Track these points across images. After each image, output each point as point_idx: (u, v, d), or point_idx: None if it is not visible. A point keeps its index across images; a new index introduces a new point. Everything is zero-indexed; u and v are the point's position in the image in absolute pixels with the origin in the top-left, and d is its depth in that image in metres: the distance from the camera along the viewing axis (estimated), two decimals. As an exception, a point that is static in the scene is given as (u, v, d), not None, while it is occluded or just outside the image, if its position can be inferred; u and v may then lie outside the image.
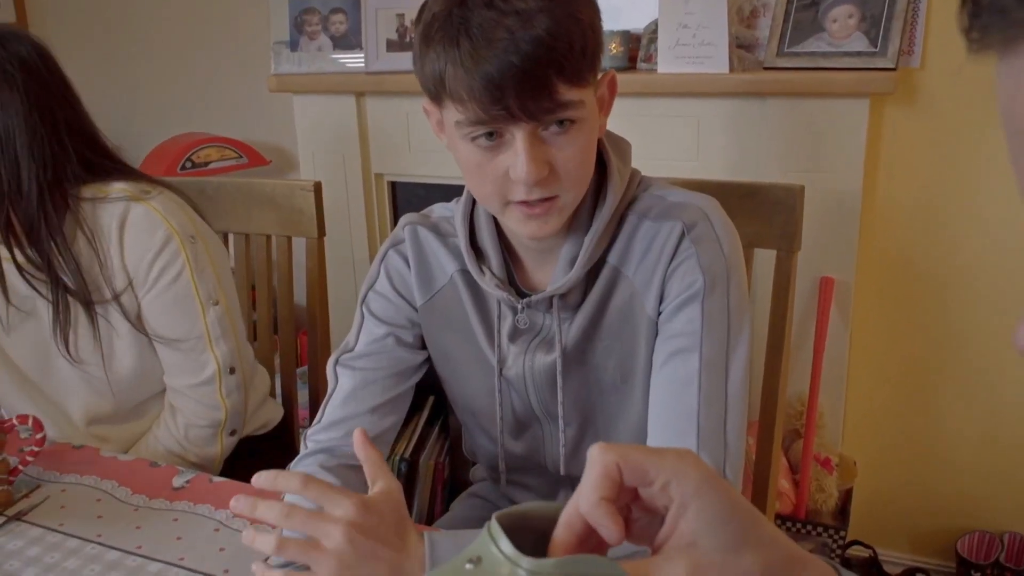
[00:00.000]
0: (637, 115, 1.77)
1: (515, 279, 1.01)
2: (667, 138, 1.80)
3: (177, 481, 1.09)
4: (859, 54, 1.64)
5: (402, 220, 1.09)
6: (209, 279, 1.23)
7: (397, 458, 1.71)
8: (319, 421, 1.06)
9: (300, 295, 1.57)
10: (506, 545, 0.45)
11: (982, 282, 1.79)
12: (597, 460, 0.49)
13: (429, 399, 1.81)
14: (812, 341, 1.80)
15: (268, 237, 1.53)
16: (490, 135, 0.86)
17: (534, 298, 0.98)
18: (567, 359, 1.01)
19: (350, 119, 2.15)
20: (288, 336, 1.57)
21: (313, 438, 1.05)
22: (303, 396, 1.61)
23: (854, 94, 1.65)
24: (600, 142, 0.96)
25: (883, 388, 1.93)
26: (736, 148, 1.77)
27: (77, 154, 1.18)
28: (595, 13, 0.87)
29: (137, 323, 1.22)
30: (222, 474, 1.26)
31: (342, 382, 1.06)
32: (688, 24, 1.70)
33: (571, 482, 1.15)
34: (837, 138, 1.70)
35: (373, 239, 2.25)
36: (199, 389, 1.24)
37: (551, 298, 0.98)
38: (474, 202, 1.01)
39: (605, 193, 0.95)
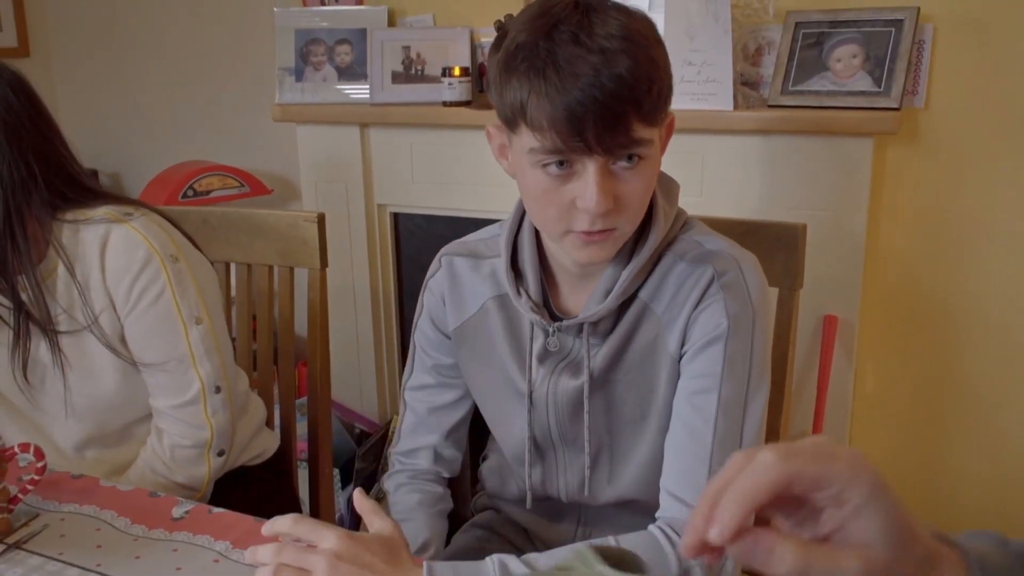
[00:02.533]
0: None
1: (550, 303, 1.04)
2: (671, 174, 1.80)
3: (176, 512, 1.08)
4: (863, 93, 1.65)
5: (440, 252, 1.14)
6: (191, 298, 1.23)
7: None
8: (398, 442, 1.20)
9: (301, 326, 1.56)
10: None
11: (987, 321, 1.79)
12: (773, 467, 0.49)
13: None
14: (816, 379, 1.79)
15: (270, 268, 1.53)
16: (561, 163, 0.89)
17: (566, 323, 1.00)
18: (593, 387, 1.02)
19: (354, 150, 2.15)
20: (288, 367, 1.56)
21: (398, 458, 1.20)
22: (302, 428, 1.59)
23: (858, 133, 1.66)
24: None
25: (887, 427, 1.92)
26: (740, 185, 1.78)
27: (45, 181, 1.18)
28: (666, 57, 0.91)
29: (120, 346, 1.22)
30: (215, 501, 1.24)
31: (408, 413, 1.19)
32: (693, 61, 1.71)
33: (578, 512, 1.16)
34: (841, 177, 1.71)
35: (375, 270, 2.25)
36: (184, 409, 1.23)
37: (582, 324, 1.00)
38: (519, 226, 1.04)
39: (648, 230, 0.98)
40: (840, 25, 1.69)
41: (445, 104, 1.99)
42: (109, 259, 1.19)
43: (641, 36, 0.88)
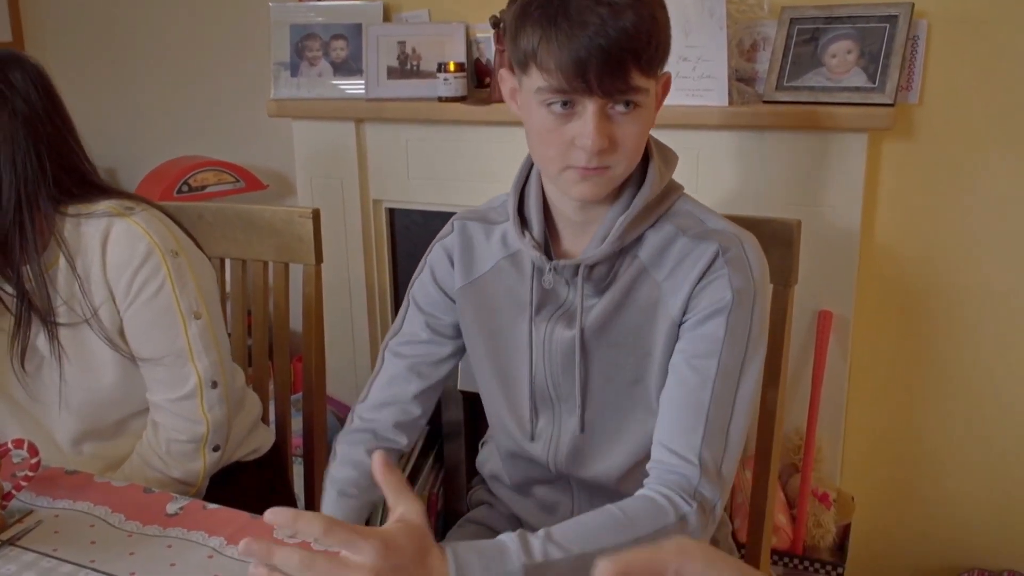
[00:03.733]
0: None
1: (551, 250, 1.11)
2: (666, 169, 1.80)
3: (171, 508, 1.08)
4: (857, 89, 1.65)
5: (453, 218, 1.22)
6: (191, 293, 1.23)
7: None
8: (365, 398, 1.23)
9: (296, 321, 1.56)
10: None
11: (982, 317, 1.80)
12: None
13: (424, 429, 1.79)
14: (810, 375, 1.79)
15: (265, 263, 1.53)
16: (564, 104, 0.98)
17: (563, 262, 1.06)
18: (585, 340, 1.08)
19: (349, 145, 2.15)
20: (283, 362, 1.56)
21: (360, 415, 1.22)
22: (297, 423, 1.59)
23: (852, 129, 1.66)
24: (650, 140, 1.08)
25: (882, 423, 1.93)
26: (735, 181, 1.78)
27: (54, 176, 1.20)
28: (668, 19, 1.00)
29: (118, 340, 1.22)
30: (210, 497, 1.24)
31: (387, 365, 1.22)
32: (688, 57, 1.71)
33: (571, 484, 1.19)
34: (836, 172, 1.71)
35: (370, 265, 2.25)
36: (180, 403, 1.24)
37: (578, 267, 1.06)
38: (526, 178, 1.13)
39: (646, 179, 1.06)
40: (835, 21, 1.69)
41: (441, 99, 1.98)
42: (110, 252, 1.20)
43: None
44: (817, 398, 1.78)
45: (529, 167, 1.12)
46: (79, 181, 1.24)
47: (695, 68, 1.70)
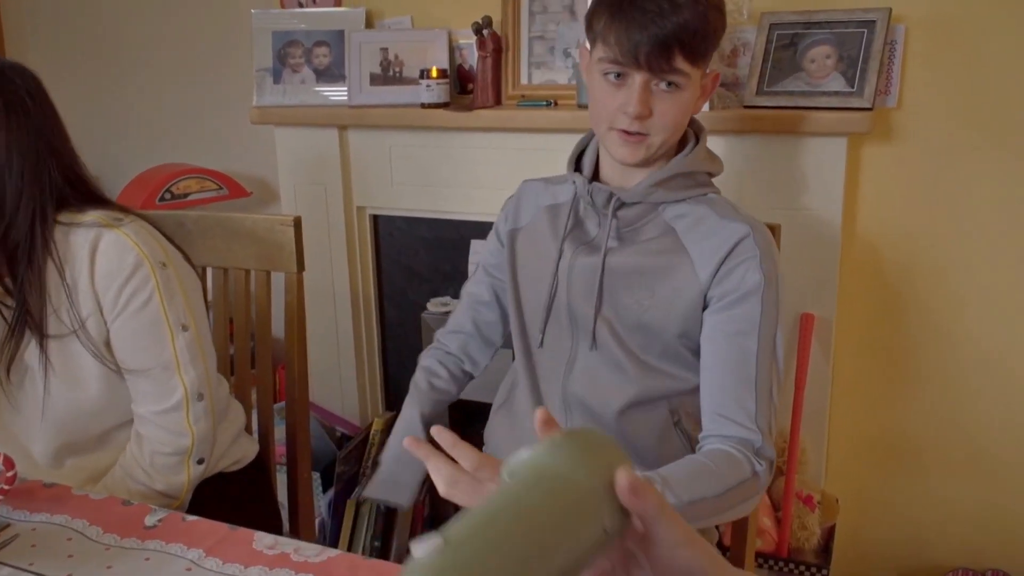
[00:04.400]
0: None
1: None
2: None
3: (149, 520, 1.07)
4: (836, 94, 1.66)
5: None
6: (178, 305, 1.23)
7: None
8: (447, 324, 1.47)
9: (279, 329, 1.55)
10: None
11: (963, 318, 1.81)
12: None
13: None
14: (793, 378, 1.80)
15: (247, 271, 1.52)
16: (618, 75, 1.16)
17: (601, 186, 1.24)
18: (605, 270, 1.22)
19: (332, 152, 2.15)
20: (265, 371, 1.55)
21: (438, 337, 1.48)
22: (280, 432, 1.59)
23: (832, 133, 1.67)
24: (699, 128, 1.27)
25: (865, 424, 1.94)
26: (718, 184, 1.78)
27: (52, 184, 1.19)
28: (722, 23, 1.18)
29: (104, 351, 1.21)
30: (193, 509, 1.24)
31: (463, 305, 1.46)
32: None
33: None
34: (816, 176, 1.72)
35: (354, 272, 2.24)
36: (166, 416, 1.23)
37: (611, 197, 1.22)
38: (586, 145, 1.31)
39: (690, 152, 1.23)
40: (813, 26, 1.70)
41: (423, 106, 1.98)
42: (99, 263, 1.19)
43: (706, 1, 1.14)
44: (800, 401, 1.79)
45: (590, 138, 1.31)
46: (73, 188, 1.23)
47: (676, 73, 1.71)
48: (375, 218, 2.22)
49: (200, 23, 2.49)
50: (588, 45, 1.23)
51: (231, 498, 1.37)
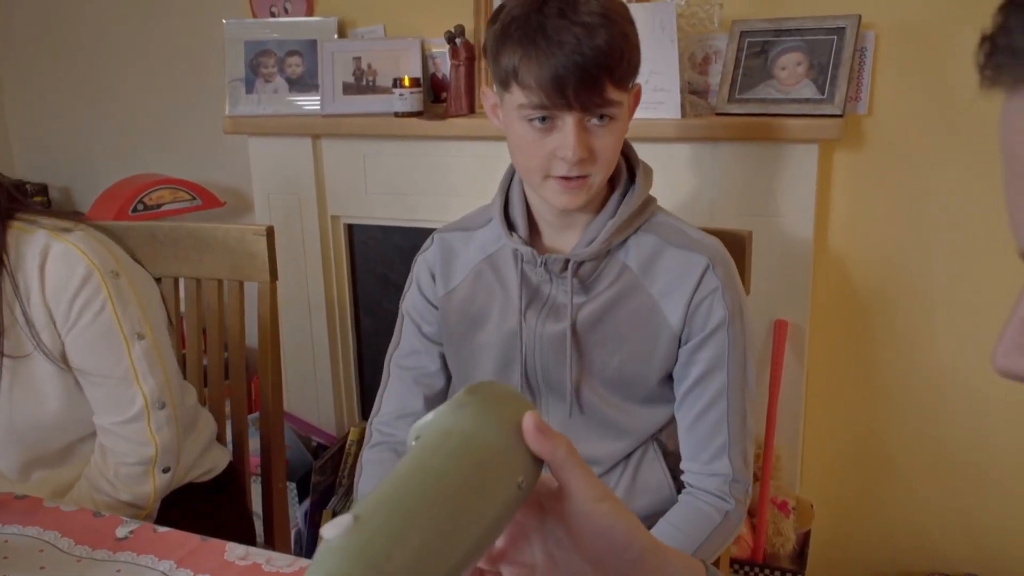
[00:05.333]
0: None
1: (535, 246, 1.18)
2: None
3: (121, 531, 1.06)
4: (807, 100, 1.68)
5: (434, 232, 1.29)
6: (133, 313, 1.21)
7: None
8: (378, 411, 1.30)
9: (253, 340, 1.54)
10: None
11: (935, 323, 1.82)
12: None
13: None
14: (767, 384, 1.81)
15: (219, 282, 1.51)
16: (544, 119, 1.05)
17: (553, 256, 1.13)
18: (577, 333, 1.15)
19: (306, 161, 2.14)
20: (239, 382, 1.54)
21: (378, 428, 1.29)
22: (254, 443, 1.57)
23: (803, 140, 1.69)
24: (630, 151, 1.18)
25: (839, 431, 1.95)
26: (690, 192, 1.80)
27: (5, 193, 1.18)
28: (636, 35, 1.08)
29: (62, 362, 1.20)
30: (163, 520, 1.22)
31: (394, 378, 1.30)
32: (641, 70, 1.72)
33: None
34: (788, 183, 1.73)
35: (329, 282, 2.23)
36: (127, 426, 1.22)
37: (567, 263, 1.13)
38: (509, 184, 1.20)
39: (631, 189, 1.15)
40: (784, 34, 1.72)
41: (397, 115, 1.98)
42: (48, 275, 1.17)
43: (617, 14, 1.04)
44: (774, 407, 1.80)
45: (512, 174, 1.20)
46: (9, 196, 1.21)
47: (648, 81, 1.72)
48: (350, 227, 2.22)
49: (172, 33, 2.48)
50: (496, 87, 1.10)
51: (202, 509, 1.35)
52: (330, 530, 0.44)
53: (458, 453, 0.48)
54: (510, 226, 1.18)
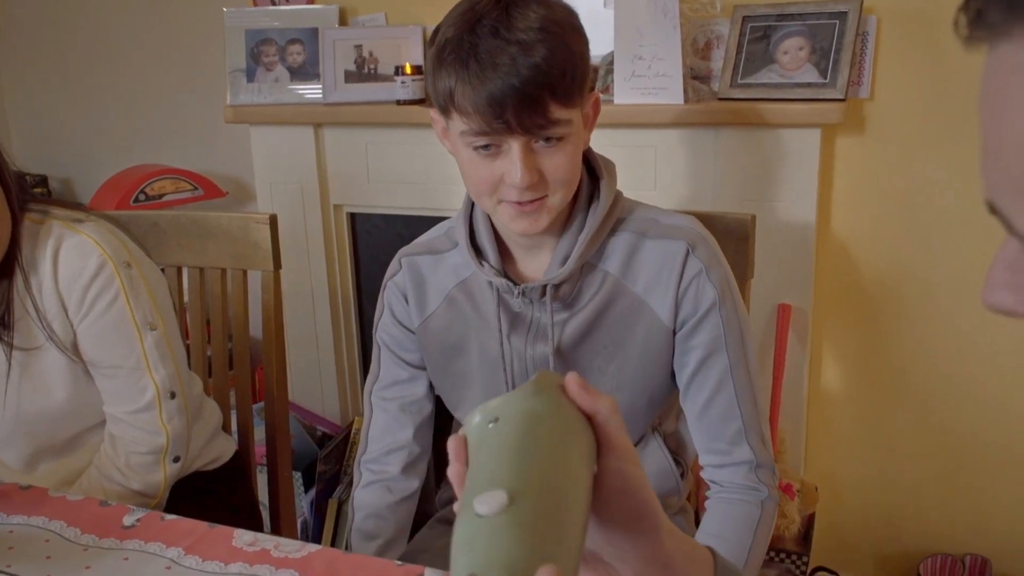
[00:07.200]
0: (596, 146, 1.77)
1: (508, 274, 1.12)
2: (626, 168, 1.78)
3: (128, 520, 1.07)
4: (809, 85, 1.67)
5: (398, 253, 1.21)
6: (145, 304, 1.22)
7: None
8: (365, 449, 1.24)
9: (257, 329, 1.54)
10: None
11: (937, 306, 1.83)
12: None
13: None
14: (771, 368, 1.81)
15: (223, 271, 1.51)
16: (488, 145, 0.99)
17: (530, 285, 1.08)
18: (562, 354, 1.10)
19: (308, 150, 2.14)
20: (243, 371, 1.54)
21: (368, 467, 1.23)
22: (260, 432, 1.58)
23: (805, 124, 1.69)
24: (592, 156, 1.11)
25: (843, 414, 1.96)
26: (692, 177, 1.80)
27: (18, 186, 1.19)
28: (584, 44, 1.01)
29: (73, 352, 1.21)
30: (172, 509, 1.23)
31: (377, 412, 1.24)
32: (643, 56, 1.72)
33: None
34: (790, 167, 1.73)
35: (332, 271, 2.23)
36: (139, 415, 1.22)
37: (544, 288, 1.08)
38: (472, 206, 1.13)
39: (597, 198, 1.09)
40: (786, 19, 1.71)
41: (399, 103, 1.98)
42: (62, 266, 1.18)
43: (557, 26, 0.97)
44: (778, 391, 1.80)
45: (471, 203, 1.14)
46: (21, 189, 1.22)
47: (650, 67, 1.71)
48: (352, 216, 2.22)
49: (172, 23, 2.47)
50: (437, 113, 1.05)
51: (209, 497, 1.36)
52: (484, 506, 0.44)
53: (559, 434, 0.50)
54: (479, 252, 1.12)
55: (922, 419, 1.90)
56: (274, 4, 2.23)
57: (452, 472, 0.54)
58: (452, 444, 0.54)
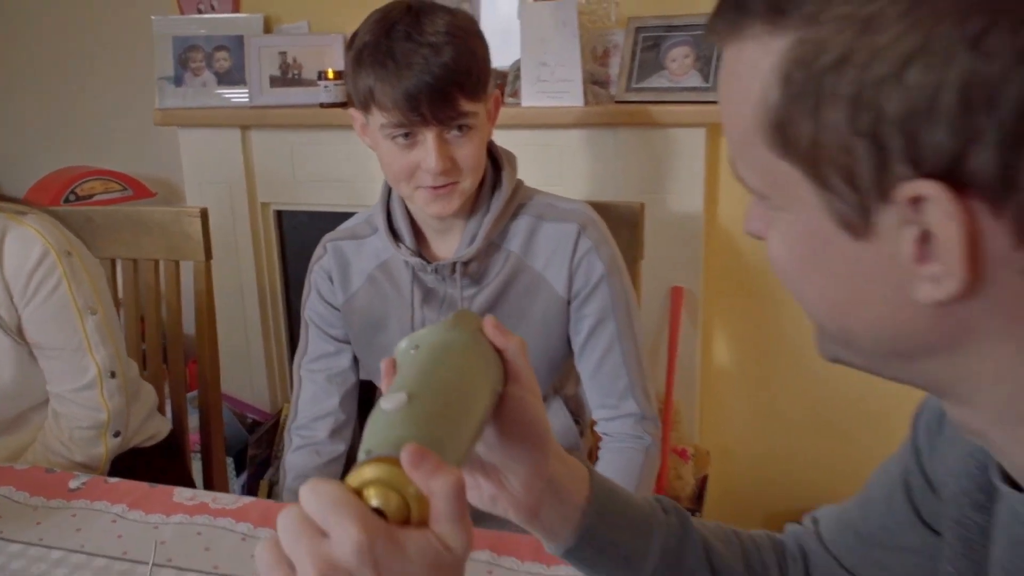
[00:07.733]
0: (507, 145, 1.91)
1: (423, 254, 1.25)
2: (533, 165, 1.94)
3: (73, 484, 1.15)
4: (694, 89, 1.85)
5: (323, 239, 1.34)
6: (86, 290, 1.32)
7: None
8: (295, 417, 1.35)
9: (189, 324, 1.60)
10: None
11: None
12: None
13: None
14: (667, 345, 1.98)
15: (156, 262, 1.58)
16: (406, 135, 1.13)
17: (442, 263, 1.22)
18: None
19: (235, 151, 2.23)
20: (177, 361, 1.60)
21: (298, 433, 1.34)
22: (193, 420, 1.64)
23: (691, 124, 1.86)
24: (495, 148, 1.26)
25: (734, 387, 2.14)
26: (593, 173, 1.96)
27: None
28: (485, 47, 1.17)
29: (18, 335, 1.30)
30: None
31: (305, 383, 1.36)
32: (547, 62, 1.88)
33: None
34: (680, 163, 1.91)
35: (260, 266, 2.33)
36: (82, 393, 1.32)
37: (454, 265, 1.21)
38: (389, 194, 1.27)
39: (497, 189, 1.23)
40: (674, 29, 1.89)
41: (322, 106, 2.09)
42: (7, 255, 1.27)
43: (462, 31, 1.12)
44: (673, 365, 1.97)
45: (390, 189, 1.27)
46: None
47: (553, 72, 1.87)
48: (279, 213, 2.32)
49: (99, 28, 2.53)
50: (357, 111, 1.19)
51: (147, 470, 1.45)
52: (388, 403, 0.52)
53: (466, 358, 0.61)
54: (396, 236, 1.25)
55: (803, 392, 2.09)
56: (200, 12, 2.31)
57: (383, 387, 0.62)
58: (384, 363, 0.62)
